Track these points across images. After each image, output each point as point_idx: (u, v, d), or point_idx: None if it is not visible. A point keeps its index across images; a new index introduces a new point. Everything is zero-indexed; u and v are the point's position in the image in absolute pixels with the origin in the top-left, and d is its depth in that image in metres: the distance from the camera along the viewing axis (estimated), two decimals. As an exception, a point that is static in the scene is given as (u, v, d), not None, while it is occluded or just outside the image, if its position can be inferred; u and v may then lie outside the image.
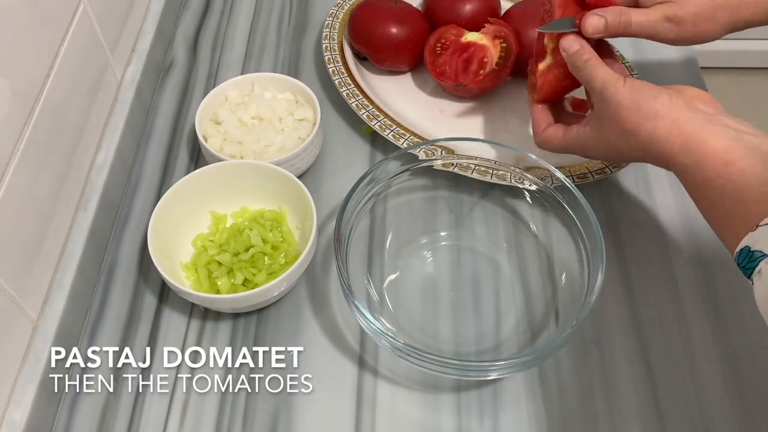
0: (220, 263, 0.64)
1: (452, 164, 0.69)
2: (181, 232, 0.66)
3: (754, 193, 0.47)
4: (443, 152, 0.68)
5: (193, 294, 0.60)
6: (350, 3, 0.85)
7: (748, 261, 0.46)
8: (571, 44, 0.60)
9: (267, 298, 0.61)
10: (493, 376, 0.57)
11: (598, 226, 0.59)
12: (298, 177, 0.67)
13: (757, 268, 0.45)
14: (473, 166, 0.69)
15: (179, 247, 0.66)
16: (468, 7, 0.79)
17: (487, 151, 0.68)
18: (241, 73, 0.83)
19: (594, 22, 0.60)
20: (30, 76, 0.56)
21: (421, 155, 0.67)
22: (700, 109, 0.54)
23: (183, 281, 0.63)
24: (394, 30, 0.78)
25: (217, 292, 0.63)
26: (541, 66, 0.65)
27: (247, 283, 0.63)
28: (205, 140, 0.71)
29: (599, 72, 0.58)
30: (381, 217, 0.69)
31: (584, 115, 0.65)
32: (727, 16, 0.61)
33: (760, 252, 0.45)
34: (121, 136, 0.71)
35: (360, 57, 0.82)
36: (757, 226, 0.46)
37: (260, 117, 0.73)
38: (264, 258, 0.65)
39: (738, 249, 0.47)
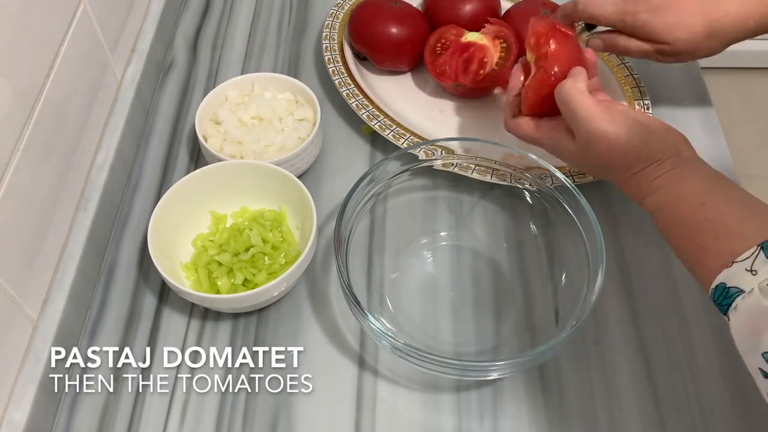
0: (220, 263, 0.64)
1: (452, 164, 0.69)
2: (181, 232, 0.66)
3: (731, 231, 0.48)
4: (443, 152, 0.68)
5: (193, 294, 0.60)
6: (350, 3, 0.85)
7: (723, 297, 0.47)
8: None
9: (267, 298, 0.61)
10: (493, 376, 0.57)
11: (598, 226, 0.59)
12: (298, 177, 0.67)
13: (733, 305, 0.46)
14: (473, 166, 0.68)
15: (179, 247, 0.66)
16: (468, 7, 0.79)
17: (487, 151, 0.68)
18: (241, 73, 0.83)
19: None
20: (30, 76, 0.56)
21: (421, 155, 0.67)
22: (682, 152, 0.56)
23: (183, 281, 0.63)
24: (394, 30, 0.78)
25: (217, 292, 0.63)
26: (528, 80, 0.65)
27: (247, 283, 0.63)
28: (205, 140, 0.71)
29: (582, 102, 0.57)
30: (381, 217, 0.69)
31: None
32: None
33: (736, 288, 0.46)
34: (121, 136, 0.71)
35: (360, 57, 0.82)
36: (733, 262, 0.46)
37: (260, 117, 0.73)
38: (264, 258, 0.65)
39: (713, 286, 0.48)
